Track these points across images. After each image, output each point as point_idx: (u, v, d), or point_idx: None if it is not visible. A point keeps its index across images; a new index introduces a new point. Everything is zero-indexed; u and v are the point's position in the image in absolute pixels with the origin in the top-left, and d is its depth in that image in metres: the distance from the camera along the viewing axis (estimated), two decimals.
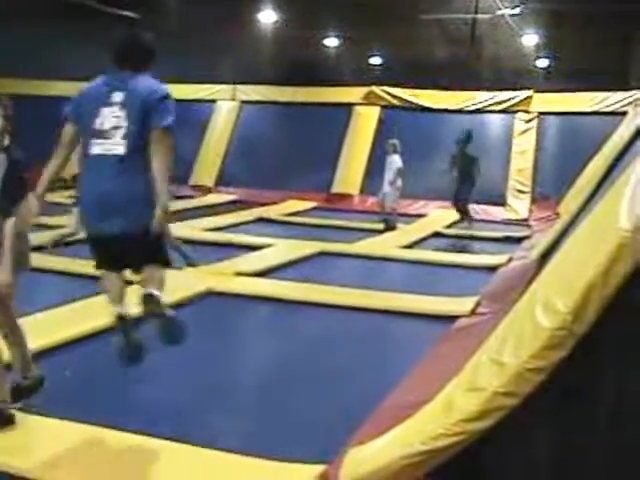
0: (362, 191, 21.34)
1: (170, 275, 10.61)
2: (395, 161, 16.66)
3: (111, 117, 5.10)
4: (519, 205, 20.14)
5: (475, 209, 18.22)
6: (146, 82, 5.39)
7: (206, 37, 28.29)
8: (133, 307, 5.64)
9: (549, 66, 30.75)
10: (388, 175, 16.76)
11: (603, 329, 4.28)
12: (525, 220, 19.15)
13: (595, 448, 4.54)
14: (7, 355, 5.74)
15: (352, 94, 23.39)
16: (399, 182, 16.68)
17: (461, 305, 9.47)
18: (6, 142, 5.55)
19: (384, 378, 6.81)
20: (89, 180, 5.23)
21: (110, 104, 5.13)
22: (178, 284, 10.29)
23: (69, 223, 11.83)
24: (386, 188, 16.74)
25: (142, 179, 5.07)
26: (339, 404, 6.45)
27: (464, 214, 17.17)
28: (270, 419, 6.18)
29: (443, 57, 28.62)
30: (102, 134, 5.11)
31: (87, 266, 6.10)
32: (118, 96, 5.16)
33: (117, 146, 5.05)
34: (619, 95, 20.67)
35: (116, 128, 5.05)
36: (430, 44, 28.29)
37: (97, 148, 5.13)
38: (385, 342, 8.77)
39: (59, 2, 23.15)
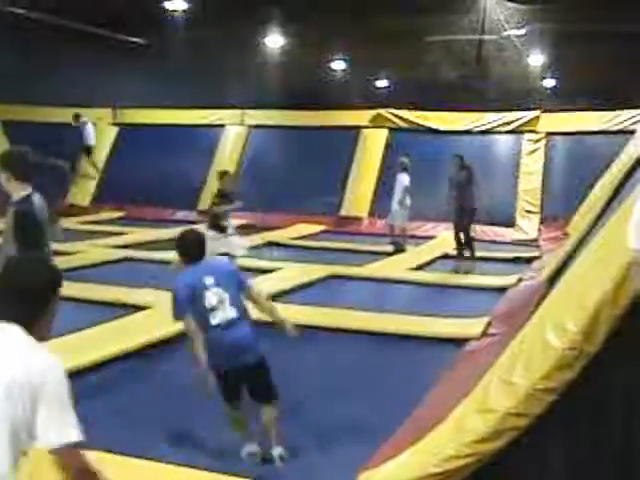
0: (371, 214, 21.35)
1: None
2: (404, 179, 16.61)
3: (213, 296, 6.05)
4: (528, 225, 20.10)
5: (484, 230, 18.20)
6: (216, 263, 7.19)
7: (214, 62, 28.43)
8: None
9: (556, 86, 30.85)
10: (397, 194, 16.72)
11: (612, 348, 4.29)
12: (534, 240, 19.10)
13: (607, 465, 4.54)
14: None
15: (359, 117, 23.45)
16: (408, 201, 16.62)
17: (472, 327, 9.46)
18: (24, 193, 5.92)
19: (396, 401, 6.82)
20: (219, 338, 6.02)
21: (208, 287, 6.04)
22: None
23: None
24: (395, 207, 16.69)
25: (249, 323, 6.24)
26: (351, 428, 6.46)
27: (466, 246, 15.10)
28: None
29: (450, 78, 28.70)
30: (214, 309, 6.03)
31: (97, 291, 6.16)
32: (209, 279, 6.08)
33: (230, 312, 6.07)
34: (627, 114, 20.65)
35: (222, 301, 6.04)
36: (437, 66, 28.36)
37: (216, 320, 6.00)
38: (396, 365, 8.75)
39: (71, 29, 23.30)
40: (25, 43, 23.52)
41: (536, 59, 28.27)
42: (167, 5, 22.80)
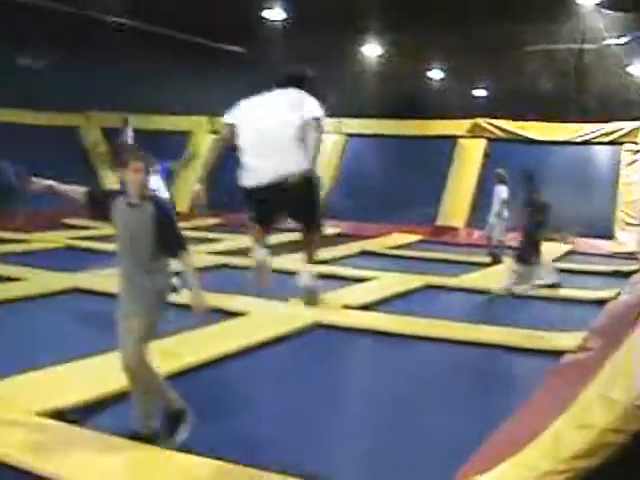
0: (468, 224, 21.28)
1: (278, 306, 10.83)
2: (501, 191, 16.42)
3: None
4: (627, 238, 19.79)
5: (582, 242, 17.98)
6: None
7: (312, 71, 28.59)
8: None
9: None
10: (494, 206, 16.54)
11: None
12: (633, 253, 18.78)
13: None
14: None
15: (457, 126, 23.38)
16: (505, 213, 16.44)
17: (569, 340, 9.37)
18: (149, 192, 5.99)
19: (491, 413, 6.81)
20: None
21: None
22: (285, 315, 10.46)
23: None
24: (492, 219, 16.55)
25: None
26: (446, 439, 6.47)
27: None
28: (376, 453, 6.22)
29: (549, 88, 28.44)
30: None
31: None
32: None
33: None
34: None
35: None
36: (535, 75, 28.15)
37: None
38: (492, 376, 8.74)
39: (171, 39, 23.69)
40: (126, 52, 23.98)
41: (637, 68, 27.84)
42: (266, 14, 23.04)
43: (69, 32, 22.30)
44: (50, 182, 6.50)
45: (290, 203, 7.62)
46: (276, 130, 7.05)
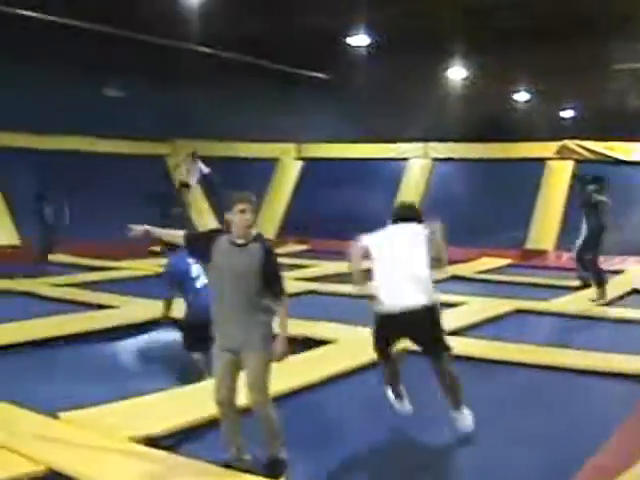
0: (557, 247, 21.05)
1: (366, 333, 10.81)
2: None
3: None
4: None
5: None
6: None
7: (396, 96, 28.62)
8: None
9: None
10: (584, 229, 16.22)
11: None
12: None
13: None
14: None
15: (544, 149, 23.20)
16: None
17: None
18: (254, 232, 6.09)
19: (584, 440, 6.71)
20: None
21: None
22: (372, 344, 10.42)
23: None
24: (580, 241, 16.20)
25: None
26: (539, 467, 6.38)
27: (596, 281, 14.41)
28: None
29: (637, 106, 28.05)
30: None
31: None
32: None
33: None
34: None
35: None
36: (624, 94, 27.79)
37: None
38: (584, 402, 8.58)
39: (255, 66, 23.89)
40: (210, 80, 24.27)
41: None
42: (349, 40, 23.10)
43: (155, 62, 22.65)
44: (147, 227, 6.71)
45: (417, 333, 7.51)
46: (410, 259, 7.11)
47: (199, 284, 8.69)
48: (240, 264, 5.94)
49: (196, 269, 8.75)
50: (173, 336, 11.41)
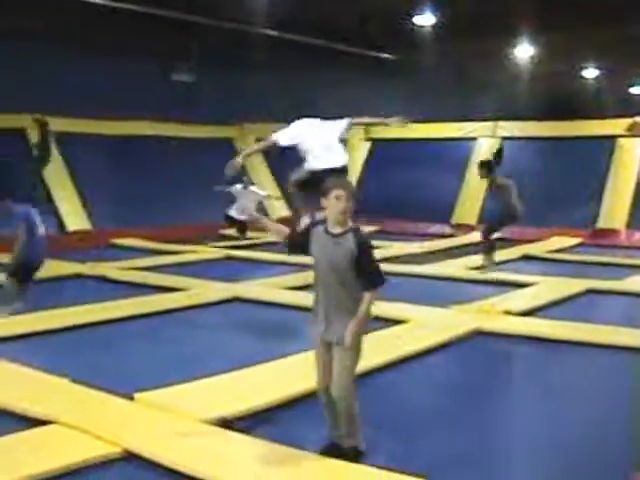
0: (629, 226, 20.75)
1: (438, 313, 10.79)
2: None
3: None
4: None
5: None
6: None
7: (464, 75, 28.41)
8: None
9: None
10: None
11: None
12: None
13: None
14: None
15: (615, 126, 22.82)
16: None
17: None
18: (350, 223, 5.96)
19: None
20: None
21: None
22: (446, 323, 10.38)
23: None
24: None
25: None
26: (621, 446, 6.30)
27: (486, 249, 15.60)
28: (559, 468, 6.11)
29: None
30: None
31: None
32: None
33: None
34: None
35: None
36: None
37: None
38: None
39: (322, 48, 23.85)
40: (277, 63, 24.28)
41: None
42: (416, 20, 22.93)
43: (223, 46, 22.71)
44: (261, 217, 6.90)
45: None
46: None
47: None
48: (335, 255, 5.85)
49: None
50: (245, 315, 11.56)
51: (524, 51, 26.93)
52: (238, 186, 20.10)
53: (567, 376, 8.62)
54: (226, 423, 6.61)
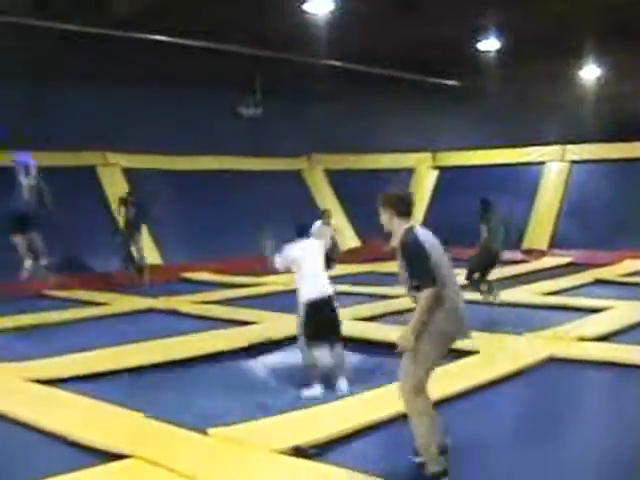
0: None
1: (511, 341, 10.69)
2: None
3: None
4: None
5: None
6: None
7: (529, 99, 28.26)
8: None
9: None
10: None
11: None
12: None
13: None
14: None
15: None
16: None
17: None
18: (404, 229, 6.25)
19: None
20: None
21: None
22: (519, 350, 10.28)
23: None
24: None
25: None
26: None
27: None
28: None
29: None
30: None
31: None
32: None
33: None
34: None
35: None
36: None
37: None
38: None
39: (384, 76, 23.90)
40: (343, 94, 24.38)
41: None
42: (480, 46, 22.88)
43: (288, 78, 22.87)
44: None
45: None
46: None
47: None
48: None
49: None
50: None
51: (590, 72, 26.72)
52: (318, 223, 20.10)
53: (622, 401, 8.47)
54: (300, 452, 6.61)
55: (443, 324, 6.02)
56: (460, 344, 10.38)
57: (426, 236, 6.25)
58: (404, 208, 6.33)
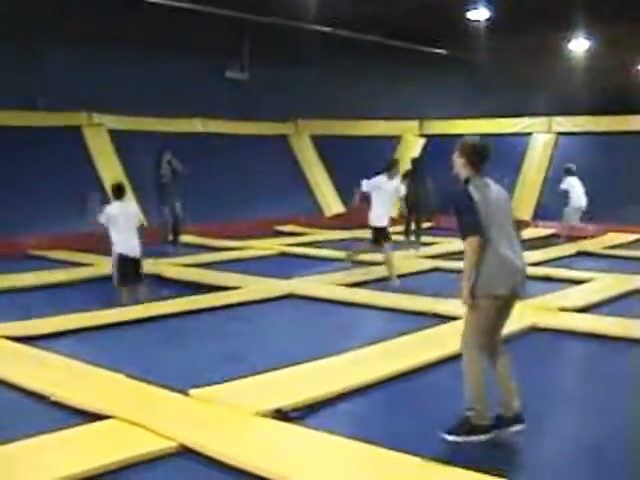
0: None
1: None
2: None
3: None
4: None
5: None
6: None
7: (518, 70, 28.24)
8: None
9: None
10: None
11: None
12: None
13: None
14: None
15: None
16: None
17: None
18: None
19: None
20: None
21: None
22: None
23: None
24: None
25: None
26: None
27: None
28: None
29: None
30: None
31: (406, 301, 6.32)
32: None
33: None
34: None
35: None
36: None
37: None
38: None
39: (373, 43, 23.84)
40: (331, 60, 24.31)
41: None
42: (470, 15, 22.83)
43: (276, 43, 22.77)
44: None
45: None
46: None
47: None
48: None
49: None
50: (300, 311, 11.59)
51: (579, 45, 26.73)
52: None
53: (622, 373, 8.50)
54: (282, 414, 6.63)
55: (491, 281, 6.12)
56: (442, 309, 10.65)
57: (484, 191, 6.28)
58: (476, 160, 6.36)
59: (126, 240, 11.74)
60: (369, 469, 5.64)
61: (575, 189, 19.55)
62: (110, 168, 20.23)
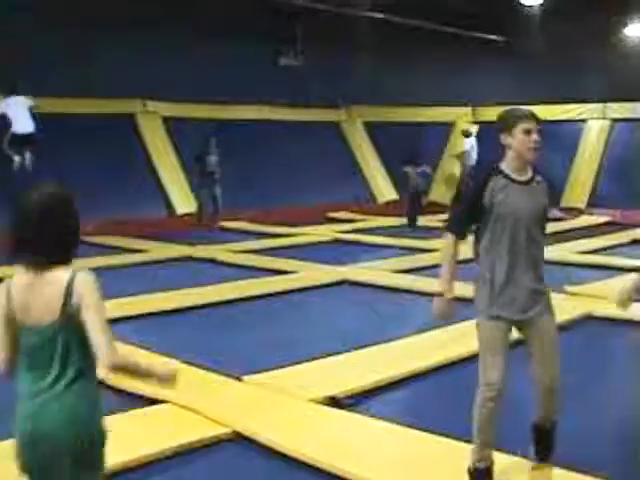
0: None
1: None
2: None
3: None
4: None
5: None
6: None
7: (572, 56, 27.92)
8: None
9: None
10: None
11: None
12: None
13: None
14: None
15: None
16: None
17: None
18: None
19: None
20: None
21: None
22: (556, 307, 10.23)
23: None
24: None
25: None
26: None
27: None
28: None
29: None
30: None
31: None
32: None
33: None
34: None
35: None
36: None
37: None
38: None
39: (425, 30, 23.73)
40: (384, 46, 24.20)
41: None
42: (523, 0, 22.65)
43: (329, 30, 22.71)
44: None
45: None
46: None
47: None
48: (527, 205, 4.93)
49: None
50: (354, 298, 11.61)
51: (635, 30, 26.36)
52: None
53: None
54: (336, 402, 6.64)
55: (482, 302, 5.21)
56: None
57: (509, 188, 4.92)
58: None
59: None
60: (422, 456, 5.64)
61: None
62: (163, 155, 20.38)
